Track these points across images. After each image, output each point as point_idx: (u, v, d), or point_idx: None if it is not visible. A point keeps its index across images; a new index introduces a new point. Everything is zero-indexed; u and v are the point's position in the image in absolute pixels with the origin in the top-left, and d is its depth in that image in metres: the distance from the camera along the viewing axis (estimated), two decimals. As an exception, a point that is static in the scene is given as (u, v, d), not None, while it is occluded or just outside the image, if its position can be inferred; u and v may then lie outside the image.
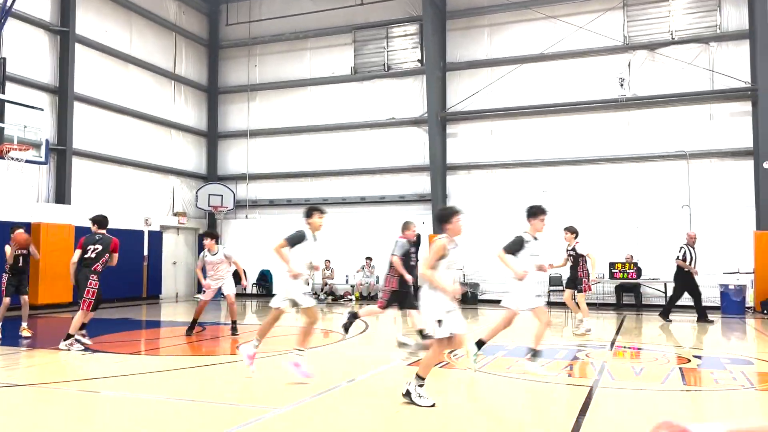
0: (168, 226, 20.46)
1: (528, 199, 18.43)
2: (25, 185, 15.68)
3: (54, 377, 7.12)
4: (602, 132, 17.77)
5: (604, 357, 8.53)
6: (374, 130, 20.40)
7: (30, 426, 5.24)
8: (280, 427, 5.05)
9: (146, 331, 12.44)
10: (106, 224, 9.34)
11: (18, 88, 15.07)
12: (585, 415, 5.33)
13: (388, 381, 7.12)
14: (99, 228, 9.24)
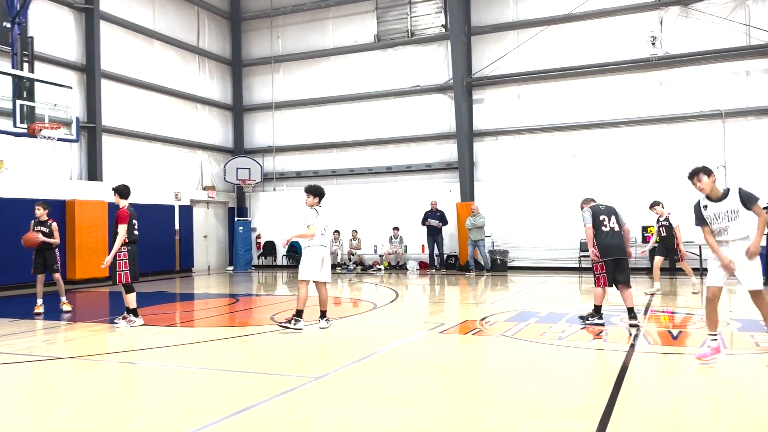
0: (198, 200, 20.69)
1: (557, 164, 18.19)
2: (58, 163, 15.94)
3: (93, 350, 7.31)
4: (633, 93, 17.31)
5: (640, 322, 8.42)
6: (399, 99, 20.19)
7: (73, 397, 5.40)
8: (318, 395, 5.11)
9: (180, 304, 12.68)
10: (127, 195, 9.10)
11: (46, 67, 15.22)
12: (623, 380, 5.29)
13: (418, 349, 7.15)
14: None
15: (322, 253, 8.19)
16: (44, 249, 10.63)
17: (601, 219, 8.19)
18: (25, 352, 7.12)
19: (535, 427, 4.16)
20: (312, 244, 8.13)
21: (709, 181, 5.94)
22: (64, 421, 4.61)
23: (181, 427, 4.23)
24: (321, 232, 8.17)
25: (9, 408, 4.96)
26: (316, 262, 8.10)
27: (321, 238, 8.17)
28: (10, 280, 14.36)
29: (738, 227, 5.70)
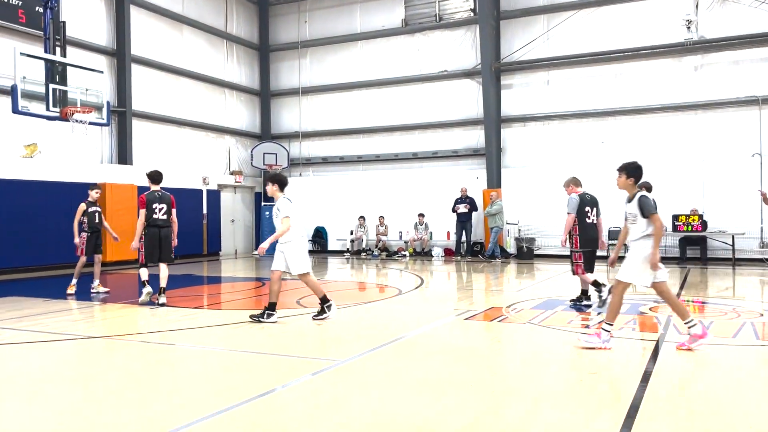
0: (225, 184, 20.88)
1: (586, 151, 17.91)
2: (90, 147, 16.22)
3: (123, 330, 7.44)
4: (667, 78, 16.92)
5: (669, 311, 8.29)
6: (426, 84, 20.05)
7: (103, 375, 5.51)
8: (343, 379, 5.14)
9: (207, 287, 12.84)
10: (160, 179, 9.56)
11: (78, 52, 15.43)
12: (652, 370, 5.21)
13: (442, 336, 7.14)
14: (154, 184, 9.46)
15: (305, 245, 7.89)
16: (98, 231, 10.91)
17: (586, 210, 8.58)
18: (59, 330, 7.29)
19: (561, 416, 4.12)
20: (290, 238, 7.67)
21: (623, 181, 6.34)
22: (96, 398, 4.70)
23: (210, 407, 4.29)
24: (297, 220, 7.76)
25: (44, 385, 5.08)
26: (305, 254, 7.78)
27: (300, 229, 7.80)
28: (41, 260, 14.69)
29: (635, 231, 6.17)
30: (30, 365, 5.80)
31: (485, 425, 3.96)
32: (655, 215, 6.06)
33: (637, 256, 6.09)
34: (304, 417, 4.13)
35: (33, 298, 10.11)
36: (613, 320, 6.09)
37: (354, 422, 4.02)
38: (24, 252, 14.23)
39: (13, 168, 14.20)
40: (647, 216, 6.07)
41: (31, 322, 7.91)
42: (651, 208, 6.08)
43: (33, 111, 11.82)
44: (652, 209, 6.07)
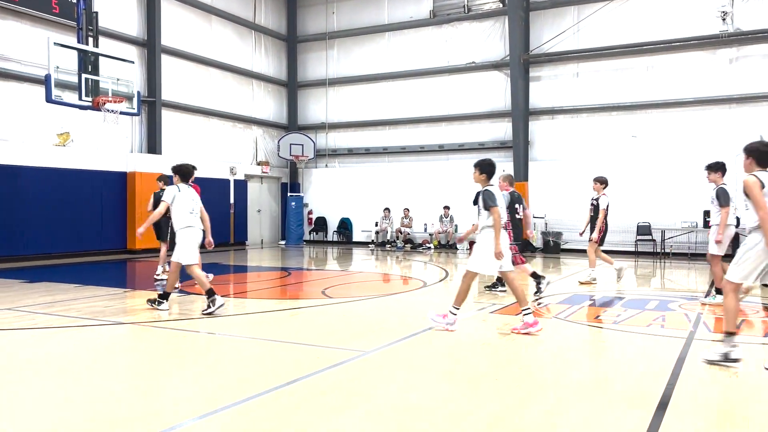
0: (252, 175, 21.05)
1: (615, 145, 17.64)
2: (120, 136, 16.46)
3: (151, 317, 7.56)
4: (700, 71, 16.56)
5: (699, 308, 8.15)
6: (453, 76, 19.92)
7: (130, 361, 5.61)
8: (369, 369, 5.16)
9: (234, 276, 12.97)
10: None
11: (109, 42, 15.64)
12: (682, 367, 5.13)
13: (468, 328, 7.11)
14: None
15: (199, 235, 7.86)
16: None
17: (516, 207, 9.25)
18: (89, 316, 7.43)
19: (589, 411, 4.08)
20: (187, 225, 7.69)
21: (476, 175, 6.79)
22: (122, 384, 4.79)
23: (236, 395, 4.34)
24: (189, 211, 7.72)
25: (73, 369, 5.19)
26: (194, 245, 7.75)
27: (191, 218, 7.74)
28: (73, 247, 15.00)
29: (482, 221, 6.57)
30: (60, 349, 5.92)
31: (513, 417, 3.93)
32: (494, 208, 6.42)
33: (483, 247, 6.47)
34: (333, 405, 4.15)
35: (64, 284, 10.33)
36: (459, 305, 6.51)
37: (383, 410, 4.04)
38: (56, 238, 14.54)
39: (46, 156, 14.50)
40: (488, 209, 6.43)
41: (62, 307, 8.08)
42: (491, 202, 6.44)
43: (66, 100, 12.05)
44: (491, 203, 6.43)
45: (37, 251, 14.12)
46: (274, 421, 3.85)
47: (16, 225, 13.70)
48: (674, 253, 16.09)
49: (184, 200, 7.71)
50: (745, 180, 5.23)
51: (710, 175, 8.65)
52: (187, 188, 7.87)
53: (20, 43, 14.08)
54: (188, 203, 7.74)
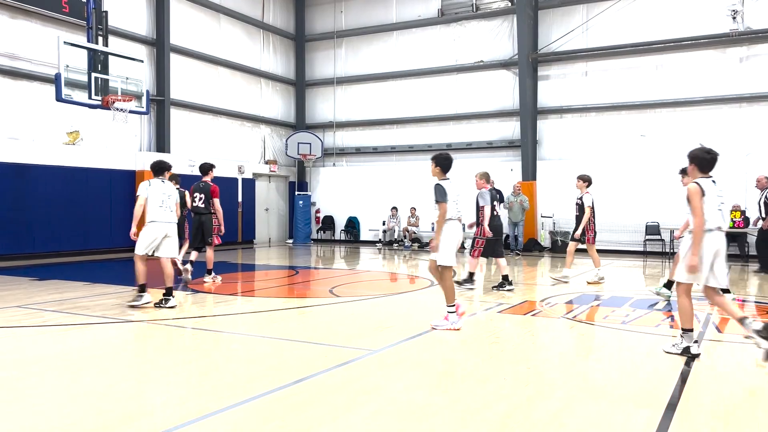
0: (260, 173, 21.10)
1: (624, 144, 17.56)
2: (129, 135, 16.54)
3: (161, 315, 7.59)
4: (710, 70, 16.46)
5: (708, 309, 8.11)
6: (461, 75, 19.89)
7: (141, 358, 5.64)
8: (377, 368, 5.16)
9: (242, 274, 13.01)
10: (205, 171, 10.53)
11: (119, 41, 15.72)
12: (690, 367, 5.11)
13: (476, 328, 7.11)
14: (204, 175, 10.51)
15: (162, 229, 7.98)
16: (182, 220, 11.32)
17: (494, 204, 9.70)
18: (98, 314, 7.48)
19: (597, 411, 4.07)
20: (152, 219, 7.91)
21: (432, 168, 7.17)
22: (131, 381, 4.82)
23: (244, 393, 4.36)
24: (159, 204, 7.93)
25: (83, 366, 5.22)
26: (149, 238, 7.93)
27: (158, 212, 7.93)
28: (82, 245, 15.08)
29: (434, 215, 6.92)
30: (70, 347, 5.97)
31: (521, 416, 3.93)
32: (442, 203, 6.67)
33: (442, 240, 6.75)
34: (339, 404, 4.17)
35: (74, 282, 10.39)
36: (452, 301, 6.63)
37: (389, 410, 4.04)
38: (65, 236, 14.63)
39: (56, 155, 14.58)
40: (436, 202, 6.74)
41: (72, 304, 8.14)
42: (439, 197, 6.70)
43: (76, 99, 12.12)
44: (439, 198, 6.70)
45: (47, 249, 14.21)
46: (282, 420, 3.86)
47: (26, 223, 13.79)
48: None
49: (154, 195, 7.92)
50: (688, 188, 5.46)
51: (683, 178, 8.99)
52: (159, 183, 8.06)
53: (31, 43, 14.17)
54: (158, 197, 7.93)
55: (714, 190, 5.42)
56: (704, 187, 5.38)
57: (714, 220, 5.34)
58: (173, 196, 8.11)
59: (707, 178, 5.49)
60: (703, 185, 5.39)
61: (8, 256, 13.37)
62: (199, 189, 10.38)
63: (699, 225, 5.28)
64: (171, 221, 8.05)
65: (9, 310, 7.74)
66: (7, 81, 13.82)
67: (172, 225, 8.06)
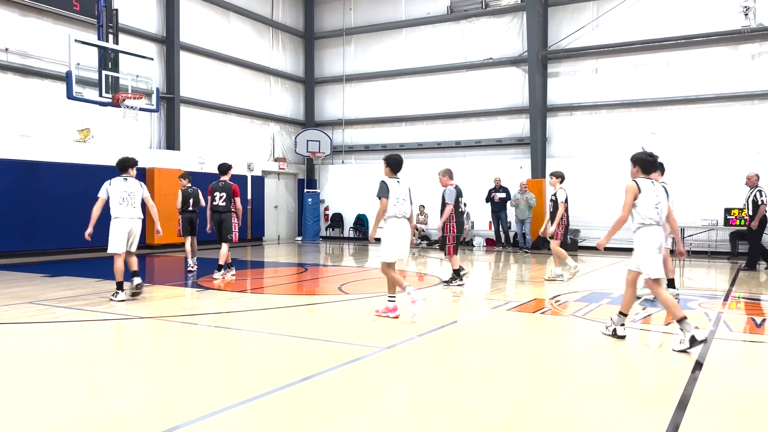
0: (269, 171, 21.14)
1: (634, 141, 17.44)
2: (139, 132, 16.62)
3: (172, 311, 7.63)
4: (721, 67, 16.32)
5: (719, 308, 8.06)
6: (470, 72, 19.84)
7: (150, 355, 5.67)
8: (387, 365, 5.17)
9: (251, 271, 13.04)
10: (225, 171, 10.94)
11: (129, 39, 15.79)
12: (702, 366, 5.07)
13: (484, 326, 7.10)
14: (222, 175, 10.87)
15: (128, 224, 8.31)
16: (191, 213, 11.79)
17: (459, 200, 10.05)
18: (109, 310, 7.53)
19: (606, 410, 4.05)
20: (115, 216, 8.26)
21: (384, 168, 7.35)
22: (142, 377, 4.85)
23: (252, 390, 4.37)
24: (119, 202, 8.22)
25: (95, 362, 5.26)
26: (122, 235, 8.25)
27: (120, 209, 8.26)
28: (93, 242, 15.15)
29: None
30: (81, 343, 6.01)
31: (530, 415, 3.92)
32: (382, 199, 7.02)
33: (384, 237, 7.10)
34: (347, 402, 4.17)
35: (85, 278, 10.47)
36: (396, 292, 7.10)
37: (396, 408, 4.04)
38: (76, 233, 14.63)
39: (67, 152, 14.68)
40: (378, 197, 7.07)
41: (83, 301, 8.19)
42: (380, 192, 7.05)
43: (86, 97, 12.19)
44: (380, 193, 7.04)
45: (58, 246, 14.31)
46: (290, 416, 3.87)
47: (38, 220, 13.89)
48: (694, 251, 15.91)
49: (115, 192, 8.24)
50: (626, 185, 5.97)
51: None
52: (121, 181, 8.35)
53: (42, 41, 14.26)
54: (119, 194, 8.24)
55: (652, 190, 5.89)
56: (642, 186, 5.88)
57: (651, 216, 5.84)
58: (136, 193, 8.40)
59: (647, 179, 5.98)
60: (640, 185, 5.89)
61: (20, 253, 13.47)
62: (219, 188, 10.70)
63: (622, 219, 5.90)
64: (135, 216, 8.35)
65: (21, 306, 7.80)
66: (19, 79, 13.92)
67: (136, 220, 8.38)
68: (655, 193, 5.90)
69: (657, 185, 5.99)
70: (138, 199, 8.37)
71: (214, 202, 10.67)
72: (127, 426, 3.67)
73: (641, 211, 5.82)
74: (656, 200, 5.89)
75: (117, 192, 8.25)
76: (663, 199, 5.94)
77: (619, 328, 6.04)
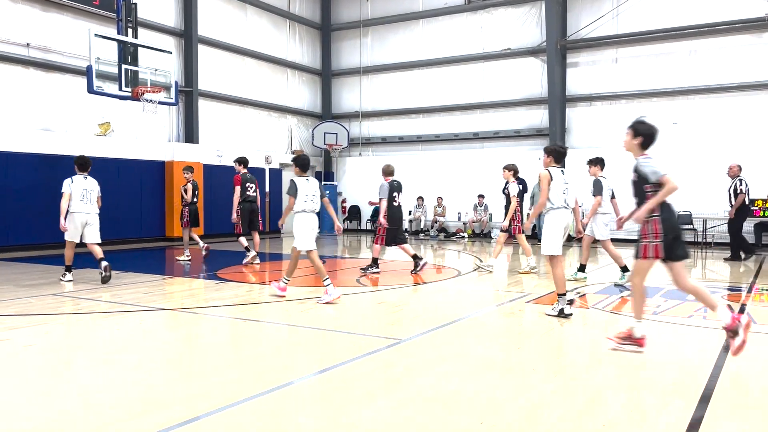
0: (287, 164, 21.18)
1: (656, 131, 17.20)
2: (159, 126, 16.75)
3: (192, 303, 7.70)
4: (744, 55, 16.02)
5: (743, 300, 7.94)
6: (488, 63, 19.69)
7: (173, 346, 5.73)
8: (406, 357, 5.17)
9: (269, 263, 13.10)
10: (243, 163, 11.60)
11: (147, 33, 15.89)
12: (725, 359, 5.01)
13: (503, 317, 7.07)
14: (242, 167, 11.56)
15: (83, 218, 9.01)
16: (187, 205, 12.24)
17: (394, 195, 10.22)
18: (131, 302, 7.62)
19: (628, 402, 4.02)
20: (72, 210, 8.95)
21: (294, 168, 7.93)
22: (163, 367, 4.90)
23: (273, 381, 4.40)
24: (80, 198, 8.96)
25: (117, 352, 5.32)
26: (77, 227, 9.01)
27: (79, 205, 8.96)
28: (114, 235, 15.32)
29: None
30: (104, 334, 6.08)
31: (552, 406, 3.90)
32: (290, 197, 7.62)
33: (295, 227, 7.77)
34: (368, 392, 4.18)
35: (107, 270, 10.57)
36: (290, 276, 7.90)
37: (416, 399, 4.04)
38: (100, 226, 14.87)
39: (88, 146, 14.82)
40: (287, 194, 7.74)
41: (105, 292, 8.30)
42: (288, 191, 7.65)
43: (107, 91, 12.30)
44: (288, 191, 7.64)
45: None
46: (314, 405, 3.89)
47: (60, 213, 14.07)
48: (716, 243, 15.69)
49: (75, 188, 8.97)
50: (540, 174, 6.73)
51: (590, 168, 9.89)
52: (82, 179, 9.10)
53: (63, 35, 14.40)
54: (79, 191, 8.99)
55: (561, 178, 6.77)
56: (553, 174, 6.69)
57: (560, 201, 6.72)
58: (94, 191, 9.18)
59: (558, 168, 6.79)
60: (552, 173, 6.69)
61: (43, 245, 13.67)
62: (251, 180, 11.53)
63: (542, 203, 6.68)
64: (90, 212, 9.09)
65: (44, 297, 7.93)
66: (41, 73, 14.09)
67: (92, 215, 9.10)
68: (564, 180, 6.77)
69: (566, 174, 6.85)
70: (95, 196, 9.17)
71: (247, 192, 11.24)
72: (157, 413, 3.71)
73: (551, 196, 6.64)
74: (564, 187, 6.76)
75: (78, 189, 9.01)
76: (570, 187, 6.81)
77: (567, 308, 6.60)
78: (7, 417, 3.73)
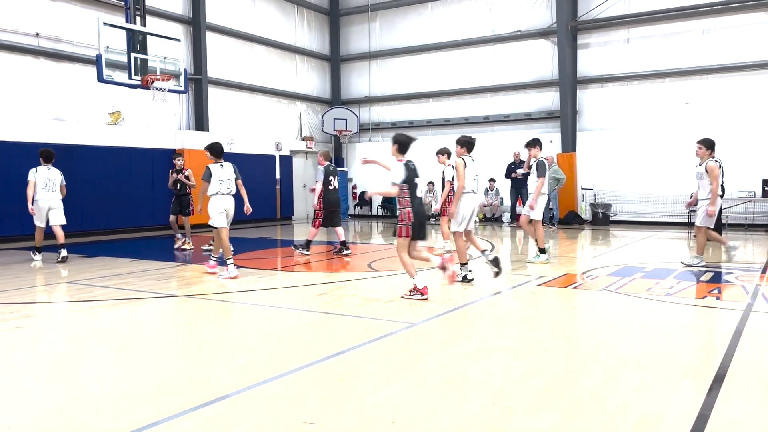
0: (297, 150, 21.22)
1: (668, 113, 17.04)
2: (169, 114, 16.79)
3: (205, 290, 7.77)
4: (759, 34, 15.75)
5: (757, 281, 7.88)
6: (498, 45, 19.51)
7: (186, 332, 5.79)
8: (416, 341, 5.19)
9: (281, 250, 13.17)
10: None
11: (156, 21, 15.88)
12: (739, 340, 4.99)
13: (515, 301, 7.07)
14: None
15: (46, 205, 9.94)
16: (182, 194, 11.99)
17: (330, 179, 10.65)
18: (145, 289, 7.69)
19: (641, 383, 4.02)
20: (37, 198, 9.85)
21: None
22: (176, 353, 4.95)
23: (286, 365, 4.43)
24: (42, 187, 9.87)
25: (131, 339, 5.39)
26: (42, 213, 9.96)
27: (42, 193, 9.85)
28: (126, 223, 15.46)
29: None
30: (118, 321, 6.16)
31: (564, 388, 3.91)
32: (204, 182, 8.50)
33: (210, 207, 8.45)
34: (381, 375, 4.21)
35: (120, 258, 10.70)
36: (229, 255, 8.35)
37: (431, 381, 4.07)
38: (110, 215, 15.02)
39: (99, 135, 14.93)
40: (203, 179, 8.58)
41: (119, 280, 8.39)
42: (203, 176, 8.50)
43: (116, 79, 12.36)
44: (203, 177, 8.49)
45: (94, 227, 14.63)
46: (329, 388, 3.93)
47: (74, 202, 14.15)
48: (731, 224, 15.55)
49: (39, 178, 9.86)
50: (456, 162, 7.75)
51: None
52: (45, 169, 9.96)
53: (72, 25, 14.43)
54: (43, 180, 9.89)
55: (472, 165, 7.78)
56: (467, 162, 7.72)
57: (470, 186, 7.71)
58: (57, 180, 10.06)
59: (469, 157, 7.79)
60: (466, 161, 7.71)
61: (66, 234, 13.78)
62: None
63: (461, 187, 7.64)
64: (52, 198, 9.99)
65: (60, 285, 8.02)
66: (51, 63, 14.14)
67: (53, 200, 9.99)
68: (474, 168, 7.75)
69: (476, 162, 7.78)
70: (57, 185, 10.03)
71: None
72: (172, 395, 3.76)
73: None
74: (474, 173, 7.71)
75: (42, 179, 9.87)
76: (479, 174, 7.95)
77: (468, 274, 7.67)
78: (21, 403, 3.79)
